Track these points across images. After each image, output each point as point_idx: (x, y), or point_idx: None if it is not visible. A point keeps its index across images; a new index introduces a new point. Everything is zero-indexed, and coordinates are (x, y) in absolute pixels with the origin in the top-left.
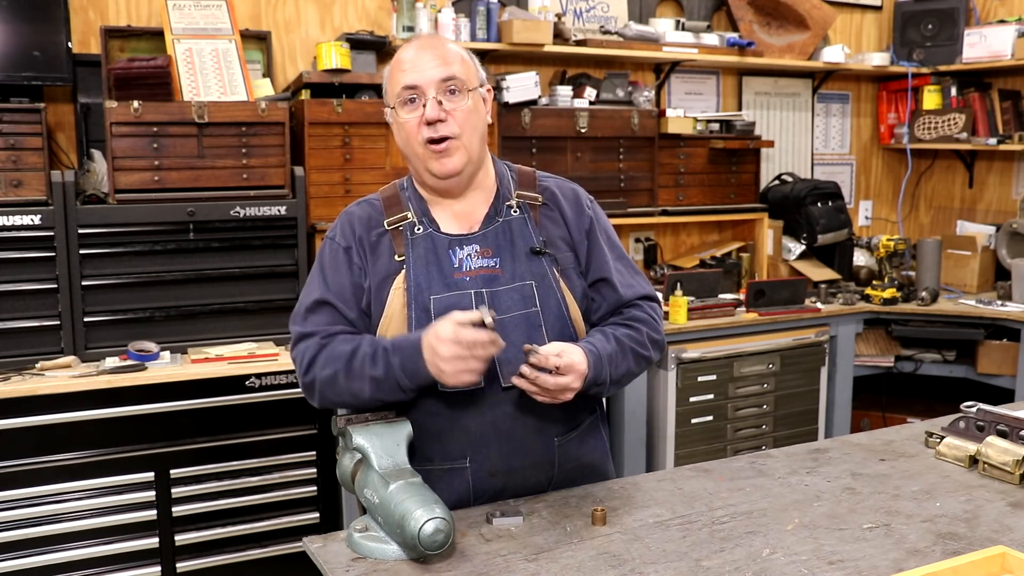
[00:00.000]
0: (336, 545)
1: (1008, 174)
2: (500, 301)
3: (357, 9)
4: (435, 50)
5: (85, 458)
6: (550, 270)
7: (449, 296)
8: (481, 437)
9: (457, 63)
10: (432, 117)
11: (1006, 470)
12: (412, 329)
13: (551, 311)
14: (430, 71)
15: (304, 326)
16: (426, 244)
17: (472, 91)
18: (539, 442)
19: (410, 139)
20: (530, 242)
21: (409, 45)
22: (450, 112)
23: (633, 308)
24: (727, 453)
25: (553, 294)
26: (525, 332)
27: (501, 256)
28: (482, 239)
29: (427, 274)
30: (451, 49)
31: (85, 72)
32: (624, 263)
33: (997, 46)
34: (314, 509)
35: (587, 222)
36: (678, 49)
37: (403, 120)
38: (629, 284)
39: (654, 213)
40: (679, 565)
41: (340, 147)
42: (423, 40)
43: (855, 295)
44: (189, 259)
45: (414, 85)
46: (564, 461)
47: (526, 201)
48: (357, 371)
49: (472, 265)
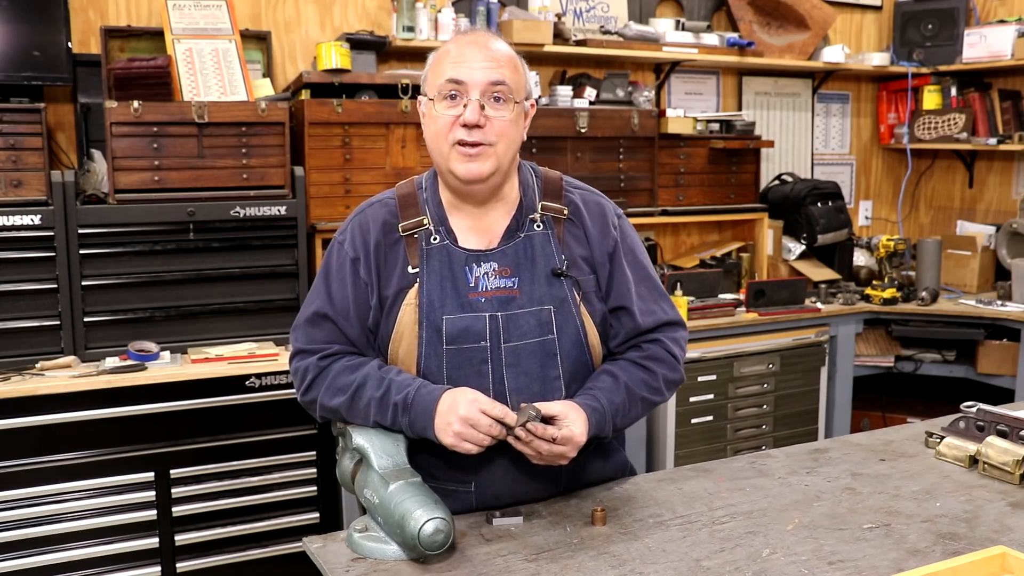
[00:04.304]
0: (336, 545)
1: (1008, 174)
2: (515, 325)
3: (357, 9)
4: (489, 49)
5: (85, 458)
6: (571, 294)
7: (463, 318)
8: (488, 463)
9: (509, 69)
10: (471, 121)
11: (1006, 470)
12: (422, 349)
13: (568, 338)
14: (480, 71)
15: (303, 341)
16: (441, 257)
17: (518, 103)
18: (546, 471)
19: (440, 135)
20: (552, 262)
21: (463, 37)
22: (490, 119)
23: (653, 342)
24: (727, 453)
25: (572, 320)
26: (539, 360)
27: (520, 276)
28: (501, 256)
29: (441, 291)
30: (505, 52)
31: (85, 72)
32: (648, 285)
33: (997, 46)
34: (314, 509)
35: (611, 243)
36: (678, 49)
37: (439, 114)
38: (651, 311)
39: (654, 213)
40: (679, 565)
41: (340, 147)
42: (479, 35)
43: (855, 295)
44: (189, 259)
45: (460, 80)
46: (571, 481)
47: (550, 214)
48: (362, 411)
49: (489, 285)
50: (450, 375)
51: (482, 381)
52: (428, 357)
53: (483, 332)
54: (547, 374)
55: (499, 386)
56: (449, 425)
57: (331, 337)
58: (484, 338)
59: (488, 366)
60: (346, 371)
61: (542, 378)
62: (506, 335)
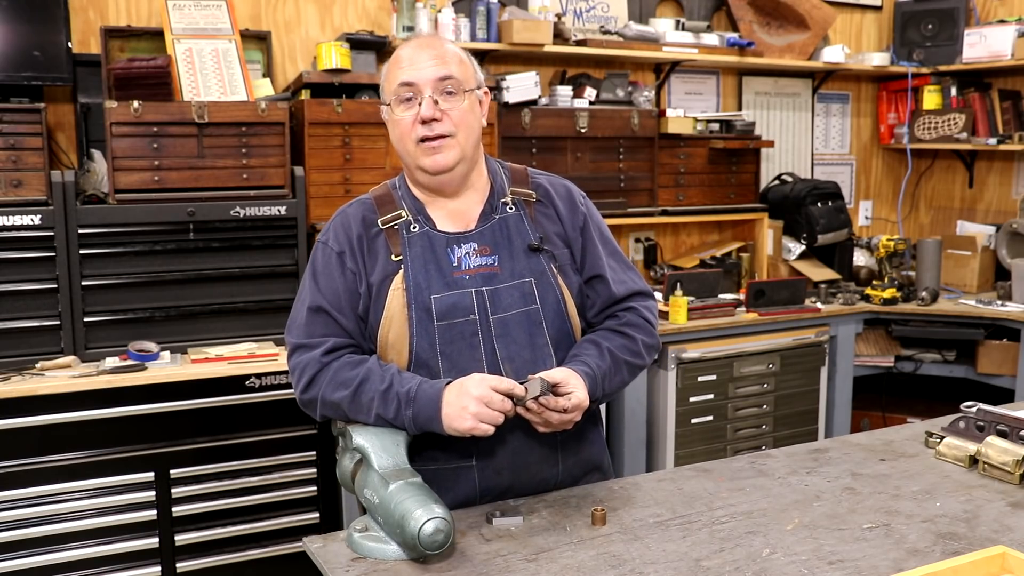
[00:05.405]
0: (336, 545)
1: (1008, 174)
2: (500, 298)
3: (357, 9)
4: (433, 49)
5: (85, 458)
6: (548, 267)
7: (450, 295)
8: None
9: (455, 63)
10: (427, 116)
11: (1006, 470)
12: (413, 329)
13: (550, 308)
14: (427, 70)
15: (300, 337)
16: (423, 242)
17: (469, 92)
18: (543, 437)
19: (404, 137)
20: (527, 239)
21: (408, 44)
22: (446, 112)
23: (628, 310)
24: (727, 453)
25: (552, 291)
26: (526, 329)
27: (499, 254)
28: (479, 237)
29: (426, 273)
30: (449, 49)
31: (85, 72)
32: (617, 259)
33: (997, 46)
34: (314, 509)
35: (581, 219)
36: (678, 49)
37: (398, 118)
38: (622, 280)
39: (654, 213)
40: (679, 565)
41: (340, 147)
42: (422, 39)
43: (855, 295)
44: (189, 259)
45: (411, 83)
46: (567, 455)
47: (520, 198)
48: (365, 405)
49: (471, 263)
50: (443, 350)
51: (474, 353)
52: (420, 336)
53: (471, 306)
54: (535, 342)
55: (491, 356)
56: (464, 409)
57: (328, 330)
58: (472, 312)
59: (479, 338)
60: (348, 366)
61: (531, 346)
62: (493, 308)
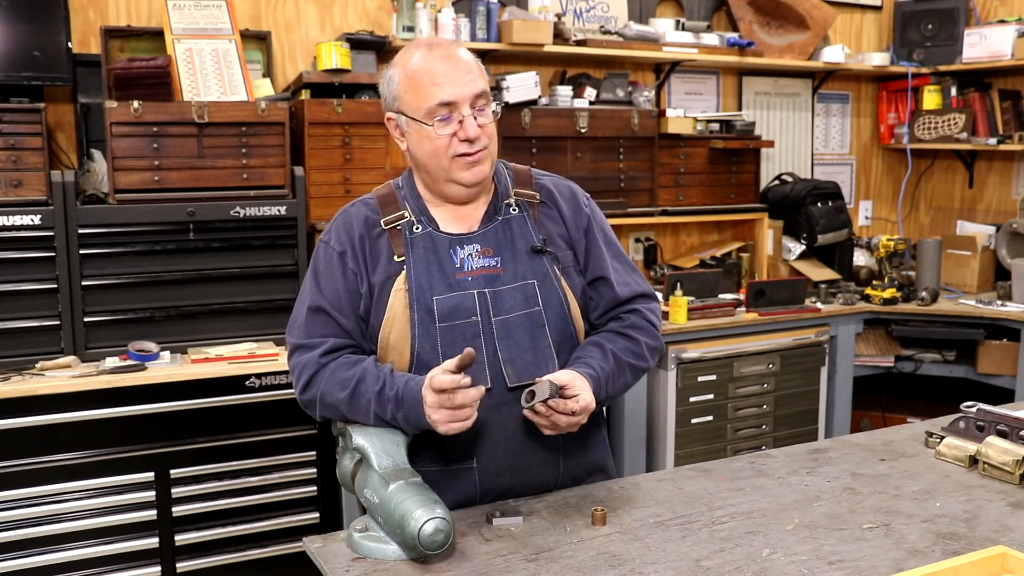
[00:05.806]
0: (336, 545)
1: (1008, 174)
2: (503, 300)
3: (357, 9)
4: (462, 63)
5: (85, 458)
6: (551, 268)
7: (452, 297)
8: (488, 437)
9: (482, 75)
10: (475, 136)
11: (1006, 470)
12: (416, 331)
13: (553, 309)
14: (466, 87)
15: (300, 337)
16: (425, 244)
17: (492, 102)
18: (544, 440)
19: (439, 152)
20: (530, 240)
21: (430, 55)
22: (483, 127)
23: (632, 313)
24: (727, 453)
25: (555, 293)
26: (529, 332)
27: (502, 255)
28: (482, 238)
29: (428, 274)
30: (472, 60)
31: (85, 72)
32: (621, 261)
33: (997, 46)
34: (314, 509)
35: (584, 220)
36: (678, 49)
37: (436, 135)
38: (626, 283)
39: (654, 213)
40: (679, 565)
41: (340, 147)
42: (442, 50)
43: (855, 295)
44: (189, 259)
45: (453, 102)
46: (568, 458)
47: (524, 199)
48: (363, 407)
49: (473, 265)
50: (445, 352)
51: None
52: (421, 338)
53: (473, 308)
54: (537, 344)
55: (493, 358)
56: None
57: (328, 331)
58: (475, 313)
59: (481, 340)
60: (344, 367)
61: (533, 348)
62: (495, 309)
